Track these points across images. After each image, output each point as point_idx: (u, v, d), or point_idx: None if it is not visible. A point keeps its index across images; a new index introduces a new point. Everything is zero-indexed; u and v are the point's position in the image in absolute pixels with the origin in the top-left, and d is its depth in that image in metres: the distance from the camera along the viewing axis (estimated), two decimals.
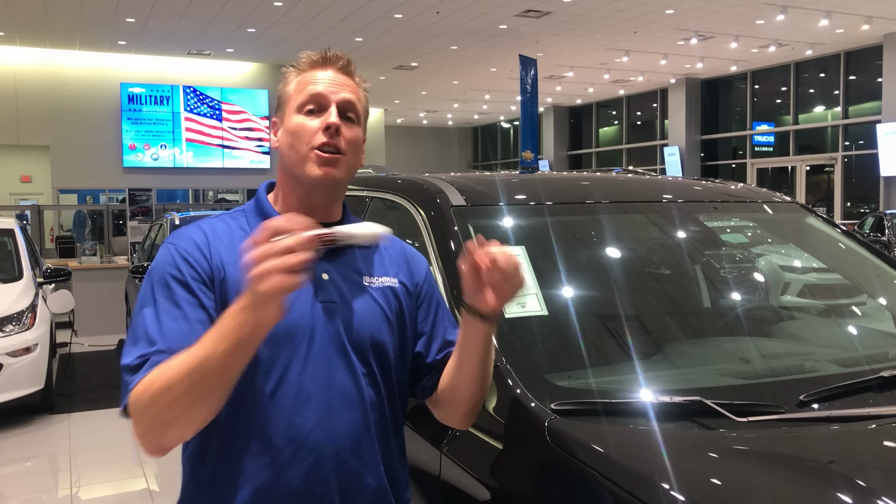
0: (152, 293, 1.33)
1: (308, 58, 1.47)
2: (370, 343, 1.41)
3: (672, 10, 13.22)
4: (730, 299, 2.56)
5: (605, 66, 18.04)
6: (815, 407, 1.65)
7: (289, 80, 1.47)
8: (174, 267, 1.34)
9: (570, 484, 1.45)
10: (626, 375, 1.84)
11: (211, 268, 1.35)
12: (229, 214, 1.48)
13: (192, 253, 1.36)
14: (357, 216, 2.65)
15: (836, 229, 2.65)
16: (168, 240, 1.42)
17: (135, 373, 1.24)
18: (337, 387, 1.36)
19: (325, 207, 1.46)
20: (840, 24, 14.13)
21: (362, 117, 1.48)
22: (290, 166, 1.42)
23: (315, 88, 1.42)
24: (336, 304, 1.39)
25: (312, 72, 1.45)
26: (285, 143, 1.43)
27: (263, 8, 12.99)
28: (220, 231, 1.42)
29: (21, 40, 15.37)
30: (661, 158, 20.87)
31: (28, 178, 18.61)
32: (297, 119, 1.42)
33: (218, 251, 1.38)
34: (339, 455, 1.35)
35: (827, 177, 18.05)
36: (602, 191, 2.60)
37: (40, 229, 12.11)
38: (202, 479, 1.39)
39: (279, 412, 1.33)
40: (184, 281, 1.33)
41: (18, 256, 6.54)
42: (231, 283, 1.34)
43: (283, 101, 1.47)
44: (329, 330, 1.37)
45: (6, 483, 4.61)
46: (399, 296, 1.48)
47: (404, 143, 28.71)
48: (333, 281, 1.41)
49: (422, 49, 16.20)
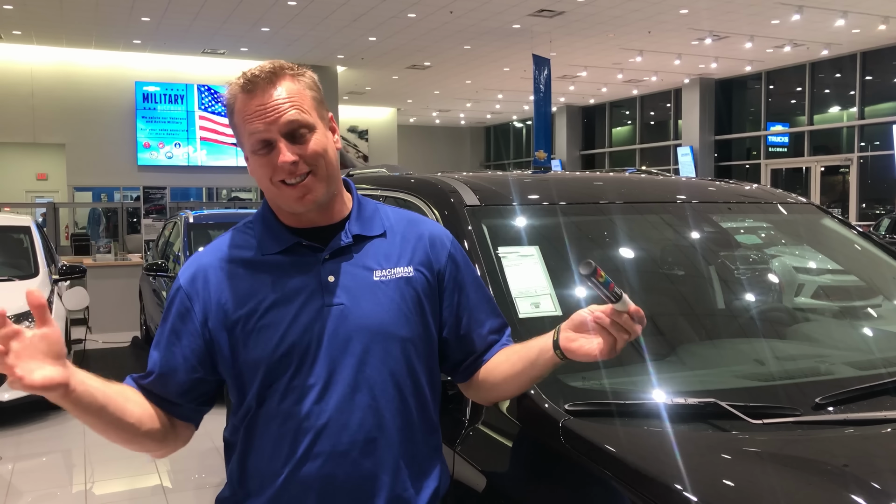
0: (162, 323, 1.48)
1: (234, 87, 1.39)
2: (384, 339, 1.39)
3: (686, 10, 13.16)
4: (744, 300, 2.54)
5: (618, 65, 17.98)
6: (831, 410, 1.64)
7: (230, 110, 1.41)
8: (176, 302, 1.46)
9: (583, 484, 1.45)
10: (639, 376, 1.83)
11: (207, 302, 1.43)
12: (240, 229, 1.50)
13: (188, 290, 1.44)
14: None
15: (851, 230, 2.64)
16: (179, 271, 1.51)
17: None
18: (345, 391, 1.36)
19: (322, 214, 1.45)
20: (856, 23, 14.01)
21: (315, 113, 1.40)
22: (270, 197, 1.44)
23: (254, 128, 1.35)
24: (344, 305, 1.39)
25: (244, 102, 1.37)
26: (257, 178, 1.42)
27: (277, 7, 13.03)
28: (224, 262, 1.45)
29: (38, 39, 15.49)
30: (675, 159, 20.77)
31: (44, 176, 18.76)
32: (254, 160, 1.39)
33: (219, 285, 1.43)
34: (347, 457, 1.36)
35: (842, 178, 17.91)
36: (616, 191, 2.60)
37: (56, 227, 12.19)
38: (233, 475, 1.47)
39: (291, 421, 1.36)
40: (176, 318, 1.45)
41: (35, 253, 6.60)
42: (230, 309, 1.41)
43: (236, 131, 1.43)
44: (338, 334, 1.37)
45: (21, 478, 4.65)
46: (415, 285, 1.44)
47: (417, 143, 28.71)
48: (340, 282, 1.40)
49: (435, 48, 16.19)
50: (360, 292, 1.40)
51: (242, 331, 1.38)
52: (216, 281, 1.41)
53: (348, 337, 1.37)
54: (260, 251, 1.43)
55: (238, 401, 1.43)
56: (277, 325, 1.37)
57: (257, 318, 1.38)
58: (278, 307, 1.38)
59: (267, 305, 1.38)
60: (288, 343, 1.36)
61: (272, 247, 1.43)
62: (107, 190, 17.99)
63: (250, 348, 1.37)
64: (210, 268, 1.44)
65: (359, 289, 1.41)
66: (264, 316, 1.38)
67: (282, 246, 1.43)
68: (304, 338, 1.36)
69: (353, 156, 24.06)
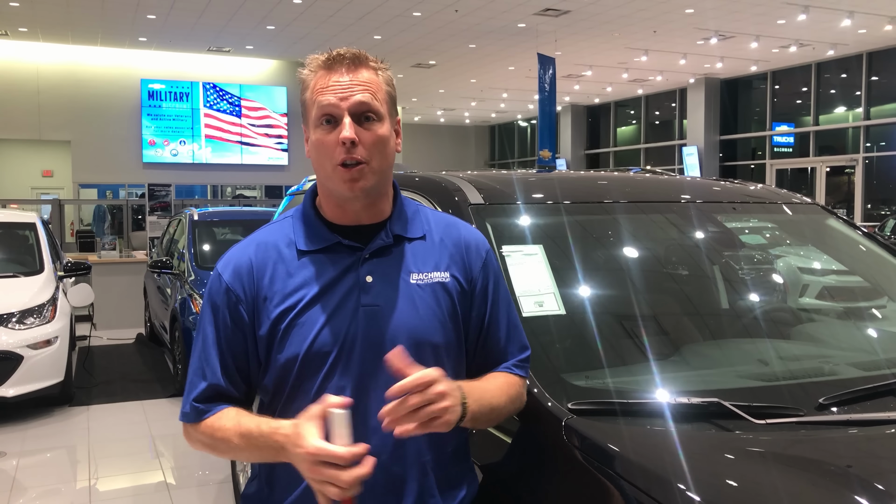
0: (202, 321, 1.46)
1: (315, 61, 1.42)
2: (417, 345, 1.37)
3: (692, 10, 13.13)
4: (748, 301, 2.54)
5: (623, 65, 17.94)
6: (835, 410, 1.64)
7: (305, 86, 1.43)
8: (218, 297, 1.44)
9: (586, 483, 1.45)
10: (643, 376, 1.83)
11: (254, 297, 1.42)
12: (279, 224, 1.50)
13: (233, 285, 1.43)
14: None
15: (856, 231, 2.63)
16: (218, 265, 1.48)
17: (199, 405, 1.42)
18: (376, 394, 1.34)
19: (367, 210, 1.44)
20: (863, 24, 13.97)
21: (385, 107, 1.41)
22: (321, 180, 1.44)
23: (325, 100, 1.38)
24: (380, 307, 1.38)
25: (322, 77, 1.40)
26: (313, 157, 1.43)
27: (283, 5, 13.04)
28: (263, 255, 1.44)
29: (44, 36, 15.52)
30: (680, 158, 20.73)
31: (49, 173, 18.79)
32: (316, 134, 1.40)
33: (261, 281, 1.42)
34: (379, 462, 1.31)
35: (847, 178, 17.86)
36: (620, 190, 2.60)
37: (61, 223, 12.22)
38: (261, 476, 1.49)
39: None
40: (226, 311, 1.43)
41: (40, 250, 6.62)
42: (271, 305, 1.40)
43: (304, 108, 1.44)
44: (371, 336, 1.37)
45: (26, 474, 4.67)
46: (450, 291, 1.44)
47: (422, 141, 28.70)
48: (378, 283, 1.40)
49: (440, 47, 16.19)
50: (397, 295, 1.40)
51: (281, 327, 1.39)
52: (259, 276, 1.42)
53: (382, 340, 1.37)
54: (299, 247, 1.43)
55: (270, 397, 1.45)
56: (313, 322, 1.37)
57: (295, 315, 1.38)
58: (315, 305, 1.38)
59: (305, 303, 1.38)
60: (322, 342, 1.37)
61: (312, 244, 1.43)
62: (112, 187, 18.03)
63: (286, 345, 1.38)
64: (253, 263, 1.43)
65: (396, 291, 1.40)
66: (302, 313, 1.38)
67: (322, 244, 1.43)
68: (338, 338, 1.37)
69: None
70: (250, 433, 1.34)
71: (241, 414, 1.39)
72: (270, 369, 1.42)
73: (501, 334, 1.50)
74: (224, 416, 1.40)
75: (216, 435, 1.39)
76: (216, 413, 1.41)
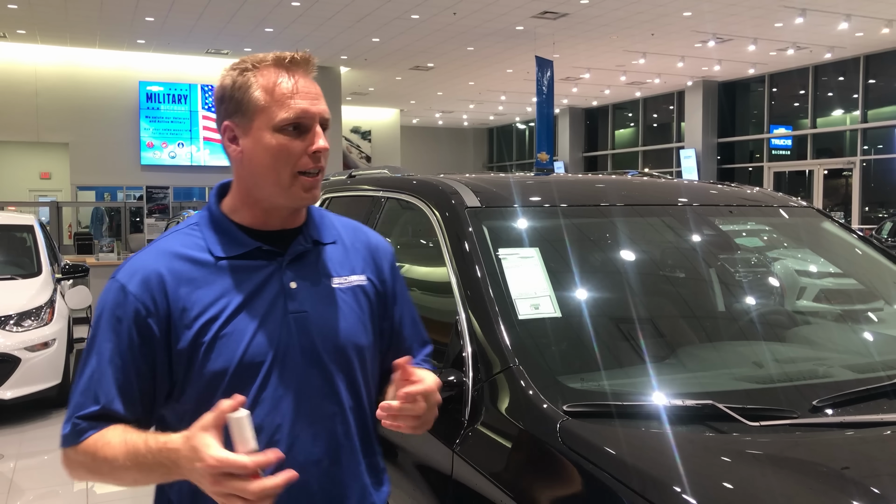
0: (97, 337, 1.31)
1: (275, 59, 1.33)
2: (346, 349, 1.38)
3: (690, 13, 13.16)
4: (744, 303, 2.55)
5: (621, 67, 17.98)
6: (829, 412, 1.64)
7: (247, 82, 1.33)
8: (122, 310, 1.30)
9: (581, 485, 1.46)
10: (638, 378, 1.84)
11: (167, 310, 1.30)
12: (182, 233, 1.38)
13: (142, 297, 1.30)
14: (372, 217, 2.67)
15: (851, 234, 2.64)
16: (117, 275, 1.33)
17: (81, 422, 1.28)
18: (312, 401, 1.34)
19: (293, 216, 1.41)
20: (860, 27, 14.00)
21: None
22: (265, 186, 1.34)
23: (297, 105, 1.31)
24: (307, 313, 1.35)
25: (283, 77, 1.33)
26: (263, 161, 1.32)
27: (281, 7, 13.05)
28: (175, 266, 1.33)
29: (42, 38, 15.52)
30: (677, 161, 20.76)
31: (47, 175, 18.78)
32: (277, 139, 1.31)
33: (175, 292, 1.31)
34: (319, 466, 1.34)
35: (845, 181, 17.89)
36: (617, 193, 2.60)
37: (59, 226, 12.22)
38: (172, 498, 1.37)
39: (261, 434, 1.27)
40: (132, 325, 1.29)
41: (38, 252, 6.62)
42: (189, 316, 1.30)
43: (245, 106, 1.33)
44: (302, 342, 1.35)
45: (23, 476, 4.66)
46: (368, 294, 1.45)
47: (420, 144, 28.72)
48: (302, 289, 1.37)
49: (438, 50, 16.21)
50: (322, 300, 1.38)
51: (205, 339, 1.30)
52: (173, 286, 1.30)
53: (313, 345, 1.35)
54: (214, 255, 1.34)
55: (190, 415, 1.27)
56: (242, 332, 1.31)
57: (221, 325, 1.30)
58: (241, 313, 1.32)
59: (231, 312, 1.31)
60: (254, 352, 1.31)
61: (230, 250, 1.35)
62: (110, 189, 18.03)
63: (213, 357, 1.29)
64: (163, 273, 1.31)
65: (320, 296, 1.38)
66: (228, 323, 1.31)
67: (241, 249, 1.36)
68: (270, 346, 1.32)
69: (356, 157, 24.08)
70: (137, 451, 1.22)
71: (128, 431, 1.26)
72: (192, 385, 1.31)
73: (407, 332, 1.53)
74: (109, 434, 1.26)
75: (98, 455, 1.25)
76: (99, 431, 1.27)
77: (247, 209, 1.38)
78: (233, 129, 1.35)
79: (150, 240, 10.56)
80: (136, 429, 1.27)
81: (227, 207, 1.40)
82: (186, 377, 1.31)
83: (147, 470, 1.23)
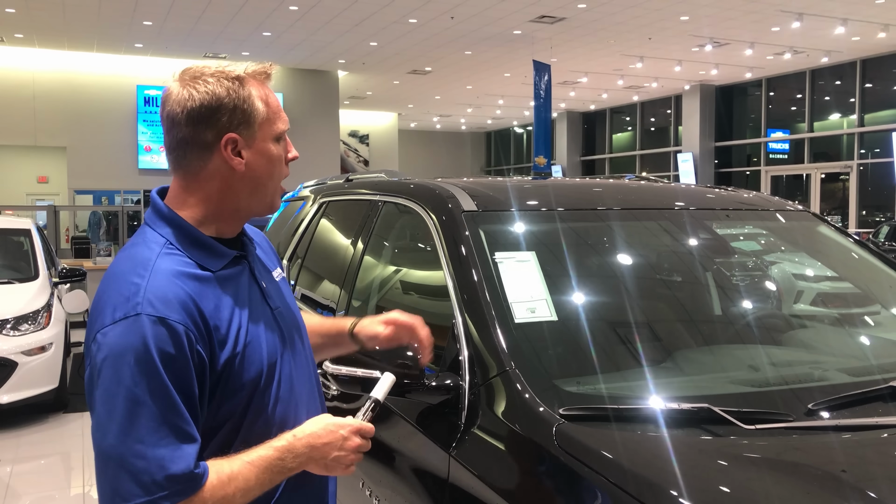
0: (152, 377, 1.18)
1: (263, 71, 1.40)
2: (304, 334, 1.54)
3: (687, 17, 13.19)
4: (740, 307, 2.55)
5: (619, 72, 18.02)
6: (825, 416, 1.65)
7: (247, 93, 1.34)
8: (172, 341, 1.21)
9: (577, 489, 1.46)
10: (635, 382, 1.84)
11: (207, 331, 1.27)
12: (165, 253, 1.30)
13: (187, 323, 1.23)
14: (369, 220, 2.67)
15: (847, 238, 2.65)
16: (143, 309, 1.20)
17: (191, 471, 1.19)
18: (305, 386, 1.47)
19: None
20: (856, 31, 14.05)
21: None
22: (261, 196, 1.38)
23: (284, 117, 1.41)
24: (280, 308, 1.46)
25: (267, 91, 1.39)
26: (265, 172, 1.36)
27: (279, 12, 13.07)
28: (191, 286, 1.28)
29: (40, 42, 15.53)
30: (675, 165, 20.80)
31: (45, 179, 18.77)
32: (277, 149, 1.39)
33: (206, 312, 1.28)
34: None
35: (842, 185, 17.93)
36: (614, 197, 2.61)
37: (56, 230, 12.21)
38: None
39: (285, 412, 1.40)
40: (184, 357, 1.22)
41: (35, 256, 6.61)
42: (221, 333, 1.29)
43: (250, 118, 1.34)
44: (287, 334, 1.45)
45: (20, 481, 4.65)
46: (288, 283, 1.60)
47: (417, 148, 28.75)
48: (270, 287, 1.47)
49: (436, 54, 16.23)
50: (280, 294, 1.50)
51: (238, 351, 1.31)
52: (203, 306, 1.28)
53: (292, 336, 1.47)
54: (211, 269, 1.33)
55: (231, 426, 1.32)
56: (259, 338, 1.36)
57: (245, 335, 1.33)
58: (251, 320, 1.36)
59: (246, 321, 1.34)
60: (271, 352, 1.38)
61: (217, 263, 1.35)
62: (107, 193, 18.02)
63: (247, 366, 1.32)
64: (190, 294, 1.27)
65: (278, 291, 1.50)
66: (248, 333, 1.34)
67: (224, 260, 1.37)
68: (276, 344, 1.40)
69: (354, 160, 24.09)
70: (269, 462, 1.28)
71: (225, 459, 1.26)
72: (232, 398, 1.31)
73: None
74: (218, 467, 1.25)
75: (228, 490, 1.23)
76: (207, 469, 1.23)
77: (219, 222, 1.37)
78: (237, 141, 1.33)
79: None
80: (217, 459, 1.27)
81: (192, 221, 1.36)
82: (222, 393, 1.30)
83: (279, 475, 1.31)
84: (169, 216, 1.34)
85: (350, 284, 2.62)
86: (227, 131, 1.32)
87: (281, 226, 3.68)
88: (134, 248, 1.33)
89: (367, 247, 2.65)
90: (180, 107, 1.31)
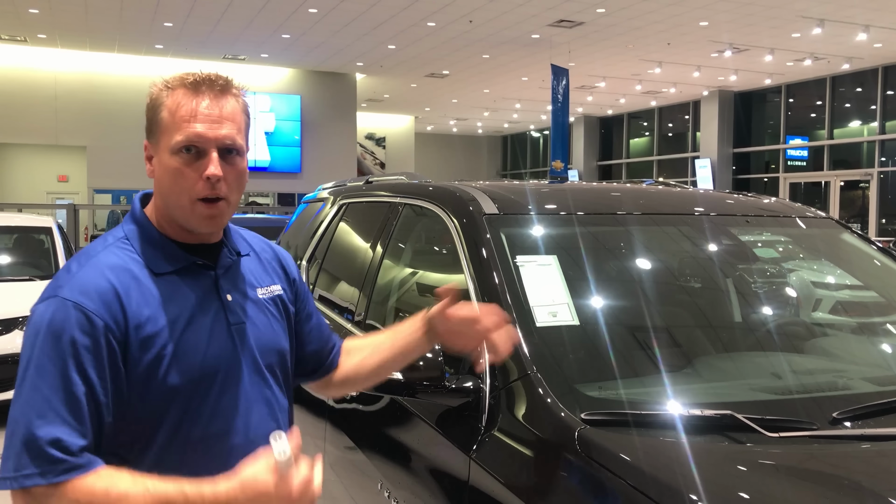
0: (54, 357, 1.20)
1: (182, 80, 1.35)
2: (277, 355, 1.46)
3: (706, 23, 13.13)
4: (761, 314, 2.54)
5: (637, 77, 17.95)
6: (848, 425, 1.63)
7: (160, 101, 1.34)
8: (80, 328, 1.22)
9: (598, 493, 1.46)
10: (656, 387, 1.83)
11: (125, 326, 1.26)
12: (116, 246, 1.34)
13: (101, 313, 1.24)
14: (389, 223, 2.68)
15: (871, 246, 2.62)
16: (61, 293, 1.24)
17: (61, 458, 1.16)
18: (258, 405, 1.40)
19: (214, 234, 1.42)
20: (878, 38, 13.92)
21: (245, 138, 1.39)
22: (171, 206, 1.35)
23: (192, 129, 1.31)
24: (244, 324, 1.40)
25: (185, 98, 1.33)
26: (165, 183, 1.33)
27: (298, 14, 13.13)
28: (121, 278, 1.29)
29: (62, 43, 15.70)
30: (692, 171, 20.68)
31: (65, 178, 18.96)
32: (173, 162, 1.31)
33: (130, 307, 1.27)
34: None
35: (862, 193, 17.76)
36: (634, 202, 2.60)
37: (75, 228, 12.32)
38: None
39: (220, 443, 1.33)
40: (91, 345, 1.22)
41: (55, 254, 6.68)
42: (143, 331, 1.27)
43: (154, 126, 1.34)
44: (246, 352, 1.39)
45: None
46: (285, 302, 1.52)
47: (434, 151, 28.77)
48: (236, 301, 1.40)
49: (453, 57, 16.25)
50: (253, 310, 1.43)
51: (164, 353, 1.28)
52: (126, 301, 1.27)
53: (253, 354, 1.40)
54: (155, 270, 1.33)
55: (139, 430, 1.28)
56: (196, 344, 1.32)
57: (176, 339, 1.30)
58: (191, 328, 1.33)
59: (182, 325, 1.32)
60: (209, 364, 1.33)
61: (166, 265, 1.35)
62: (126, 192, 18.16)
63: (170, 371, 1.29)
64: (116, 287, 1.27)
65: (252, 307, 1.43)
66: (181, 337, 1.31)
67: (178, 264, 1.36)
68: (222, 358, 1.35)
69: (370, 163, 24.16)
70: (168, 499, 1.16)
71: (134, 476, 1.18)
72: (145, 400, 1.28)
73: (321, 322, 1.64)
74: (109, 477, 1.18)
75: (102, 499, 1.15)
76: (93, 471, 1.17)
77: (170, 226, 1.38)
78: (147, 147, 1.38)
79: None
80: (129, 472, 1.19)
81: (154, 220, 1.39)
82: (141, 393, 1.28)
83: None
84: (138, 215, 1.40)
85: (370, 286, 2.62)
86: (146, 136, 1.39)
87: (300, 227, 3.70)
88: (96, 240, 1.40)
89: (386, 249, 2.66)
90: None
